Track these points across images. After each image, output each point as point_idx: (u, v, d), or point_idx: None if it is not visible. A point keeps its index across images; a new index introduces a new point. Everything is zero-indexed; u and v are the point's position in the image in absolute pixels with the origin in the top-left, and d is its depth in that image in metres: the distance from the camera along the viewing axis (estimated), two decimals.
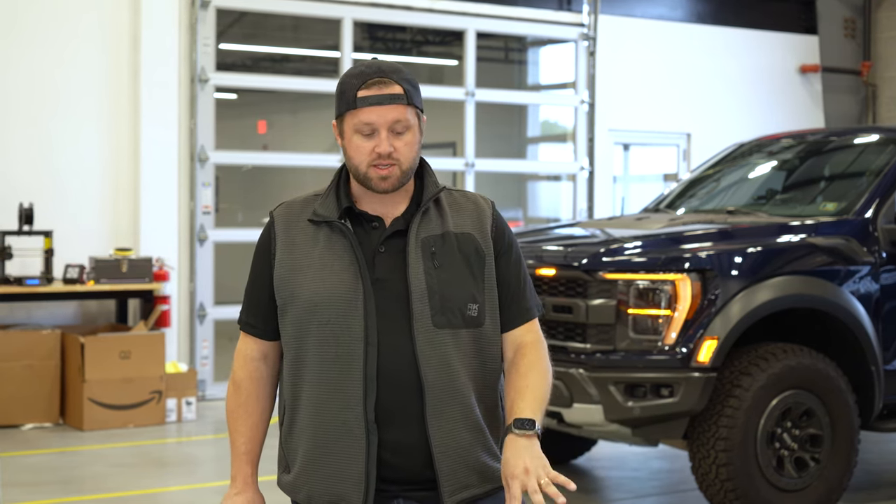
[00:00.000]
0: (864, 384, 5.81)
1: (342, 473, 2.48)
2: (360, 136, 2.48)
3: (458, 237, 2.56)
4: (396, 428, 2.48)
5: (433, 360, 2.48)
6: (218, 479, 6.62)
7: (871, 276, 5.83)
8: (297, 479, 2.55)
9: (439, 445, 2.48)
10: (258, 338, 2.63)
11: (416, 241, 2.52)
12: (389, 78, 2.48)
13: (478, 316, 2.54)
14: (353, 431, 2.47)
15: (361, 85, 2.47)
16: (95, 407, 7.90)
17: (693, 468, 5.58)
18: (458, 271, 2.53)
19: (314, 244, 2.54)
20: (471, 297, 2.53)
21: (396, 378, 2.47)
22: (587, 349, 5.56)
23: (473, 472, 2.52)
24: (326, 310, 2.49)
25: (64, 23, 8.66)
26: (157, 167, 8.88)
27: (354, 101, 2.48)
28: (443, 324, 2.49)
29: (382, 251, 2.52)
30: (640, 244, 5.81)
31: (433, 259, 2.52)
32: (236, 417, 2.63)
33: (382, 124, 2.47)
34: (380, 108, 2.46)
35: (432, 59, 12.87)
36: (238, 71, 11.90)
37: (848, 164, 6.72)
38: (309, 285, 2.51)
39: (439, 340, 2.49)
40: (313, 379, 2.51)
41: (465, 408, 2.51)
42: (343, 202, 2.55)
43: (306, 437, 2.53)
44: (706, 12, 11.78)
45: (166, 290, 8.72)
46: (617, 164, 11.59)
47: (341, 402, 2.47)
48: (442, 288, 2.50)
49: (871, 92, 12.68)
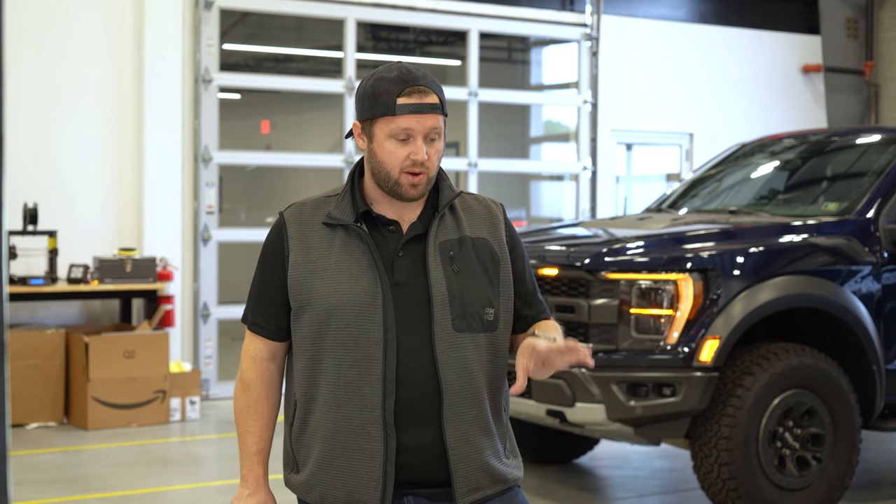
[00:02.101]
0: (866, 384, 5.82)
1: (359, 474, 2.51)
2: (395, 141, 2.50)
3: (474, 242, 2.59)
4: (413, 430, 2.51)
5: (453, 363, 2.51)
6: (221, 479, 6.64)
7: (872, 275, 5.84)
8: (311, 478, 2.57)
9: (454, 448, 2.51)
10: (268, 339, 2.64)
11: (434, 246, 2.55)
12: (427, 87, 2.51)
13: (493, 320, 2.58)
14: (370, 433, 2.49)
15: (401, 92, 2.49)
16: (99, 406, 7.92)
17: (695, 467, 5.59)
18: (475, 276, 2.56)
19: (330, 247, 2.55)
20: (488, 302, 2.57)
21: (415, 381, 2.50)
22: (590, 349, 5.57)
23: (485, 474, 2.55)
24: (345, 313, 2.50)
25: (68, 23, 8.68)
26: (160, 167, 8.90)
27: (394, 108, 2.49)
28: (463, 328, 2.53)
29: (401, 255, 2.55)
30: (643, 244, 5.82)
31: (452, 263, 2.55)
32: (246, 417, 2.64)
33: (420, 131, 2.49)
34: (420, 116, 2.49)
35: (435, 59, 12.89)
36: (242, 71, 11.91)
37: (850, 164, 6.72)
38: (326, 288, 2.52)
39: (459, 344, 2.52)
40: (331, 380, 2.52)
41: (480, 411, 2.55)
42: (360, 205, 2.56)
43: (321, 437, 2.54)
44: (709, 12, 11.78)
45: (170, 290, 8.74)
46: (620, 164, 11.60)
47: (360, 403, 2.50)
48: (462, 292, 2.53)
49: (873, 92, 12.69)
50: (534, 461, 6.95)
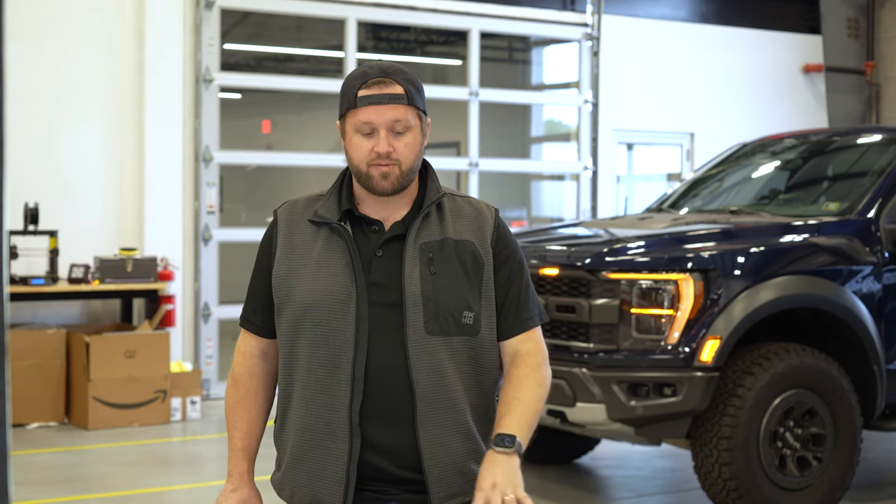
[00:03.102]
0: (867, 384, 5.82)
1: (322, 473, 2.49)
2: (360, 135, 2.49)
3: (456, 244, 2.54)
4: (384, 430, 2.48)
5: (425, 366, 2.47)
6: (222, 478, 6.61)
7: (873, 275, 5.84)
8: (284, 476, 2.57)
9: (428, 451, 2.47)
10: (256, 335, 2.64)
11: (414, 247, 2.51)
12: (391, 78, 2.48)
13: (473, 324, 2.52)
14: (336, 433, 2.47)
15: (362, 85, 2.48)
16: (100, 406, 7.93)
17: (696, 467, 5.59)
18: (454, 278, 2.52)
19: (313, 245, 2.54)
20: (466, 305, 2.51)
21: (386, 382, 2.47)
22: (590, 349, 5.58)
23: (464, 479, 2.50)
24: (319, 310, 2.49)
25: (69, 22, 8.68)
26: (161, 167, 8.90)
27: (355, 101, 2.48)
28: (436, 331, 2.48)
29: (380, 255, 2.52)
30: (644, 244, 5.82)
31: (430, 265, 2.51)
32: (234, 413, 2.64)
33: (381, 124, 2.46)
34: (379, 108, 2.46)
35: (436, 59, 12.89)
36: (242, 71, 11.92)
37: (851, 164, 6.72)
38: (304, 285, 2.51)
39: (432, 347, 2.48)
40: (303, 378, 2.52)
41: (457, 415, 2.50)
42: (344, 204, 2.55)
43: (293, 435, 2.54)
44: (710, 12, 11.78)
45: (171, 290, 8.74)
46: (620, 164, 11.60)
47: (327, 402, 2.48)
48: (437, 295, 2.49)
49: (874, 92, 12.68)
50: (534, 461, 6.95)
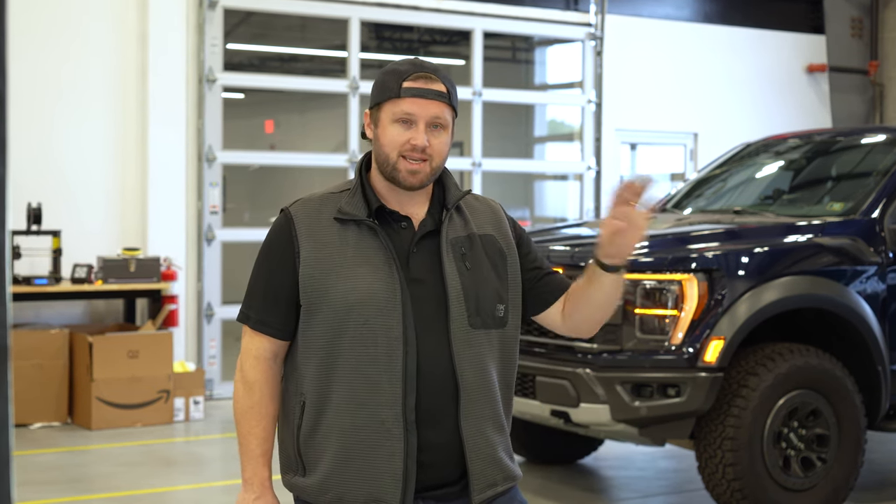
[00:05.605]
0: (871, 384, 5.81)
1: (380, 473, 2.47)
2: (399, 124, 2.50)
3: (482, 238, 2.60)
4: (431, 427, 2.49)
5: (469, 360, 2.51)
6: (225, 479, 6.64)
7: (877, 276, 5.83)
8: (326, 479, 2.51)
9: (471, 445, 2.51)
10: (273, 337, 2.58)
11: (447, 243, 2.55)
12: (436, 75, 2.52)
13: (504, 316, 2.59)
14: (391, 431, 2.46)
15: (407, 76, 2.50)
16: (103, 406, 7.92)
17: (700, 468, 5.58)
18: (486, 272, 2.57)
19: (343, 243, 2.52)
20: (499, 298, 2.58)
21: (432, 378, 2.49)
22: (594, 349, 5.57)
23: (499, 470, 2.56)
24: (365, 309, 2.47)
25: (71, 22, 8.69)
26: (164, 167, 8.90)
27: (398, 91, 2.49)
28: (478, 325, 2.53)
29: (415, 252, 2.54)
30: (647, 244, 5.81)
31: (464, 260, 2.55)
32: (249, 419, 2.57)
33: (423, 117, 2.49)
34: (423, 102, 2.49)
35: (439, 58, 12.87)
36: (245, 71, 11.92)
37: (855, 164, 6.71)
38: (344, 284, 2.48)
39: (475, 341, 2.52)
40: (348, 379, 2.48)
41: (494, 407, 2.55)
42: (373, 201, 2.54)
43: (336, 437, 2.49)
44: (713, 12, 11.77)
45: (174, 290, 8.74)
46: (624, 164, 11.58)
47: (379, 401, 2.47)
48: (476, 289, 2.54)
49: (878, 91, 12.67)
50: (538, 461, 6.95)
